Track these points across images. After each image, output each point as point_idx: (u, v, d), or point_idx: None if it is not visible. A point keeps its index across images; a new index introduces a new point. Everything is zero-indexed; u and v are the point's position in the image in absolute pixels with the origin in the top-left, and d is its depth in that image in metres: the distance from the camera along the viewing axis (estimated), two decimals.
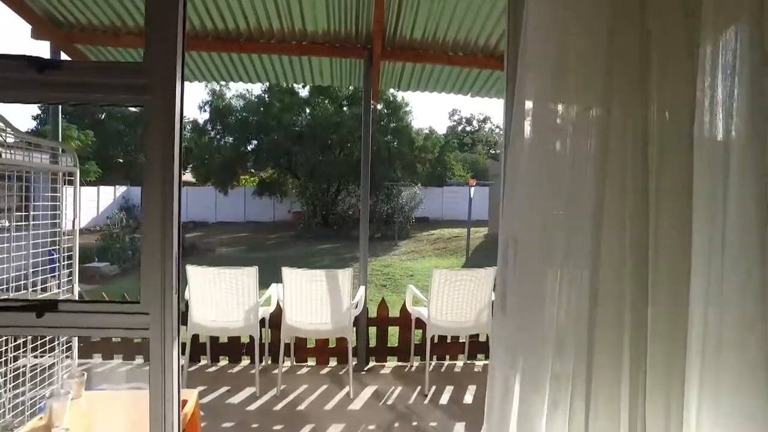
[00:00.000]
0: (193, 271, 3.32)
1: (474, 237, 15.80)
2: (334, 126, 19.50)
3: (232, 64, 4.18)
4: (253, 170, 24.80)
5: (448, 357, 4.26)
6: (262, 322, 3.77)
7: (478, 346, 4.21)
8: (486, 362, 4.25)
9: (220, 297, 3.36)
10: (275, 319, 3.71)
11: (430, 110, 66.43)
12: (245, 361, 4.14)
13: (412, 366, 4.17)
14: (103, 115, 29.71)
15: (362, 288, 3.93)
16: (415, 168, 22.34)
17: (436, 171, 29.41)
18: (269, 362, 4.08)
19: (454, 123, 49.39)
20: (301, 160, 19.03)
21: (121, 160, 29.04)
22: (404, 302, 4.11)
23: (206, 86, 21.00)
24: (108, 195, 24.16)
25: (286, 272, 3.41)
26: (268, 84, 21.13)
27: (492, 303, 4.01)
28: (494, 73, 4.13)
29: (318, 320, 3.47)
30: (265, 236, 20.10)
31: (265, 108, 20.79)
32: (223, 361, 4.14)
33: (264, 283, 3.90)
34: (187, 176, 33.38)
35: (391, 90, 3.79)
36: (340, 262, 12.99)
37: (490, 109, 75.66)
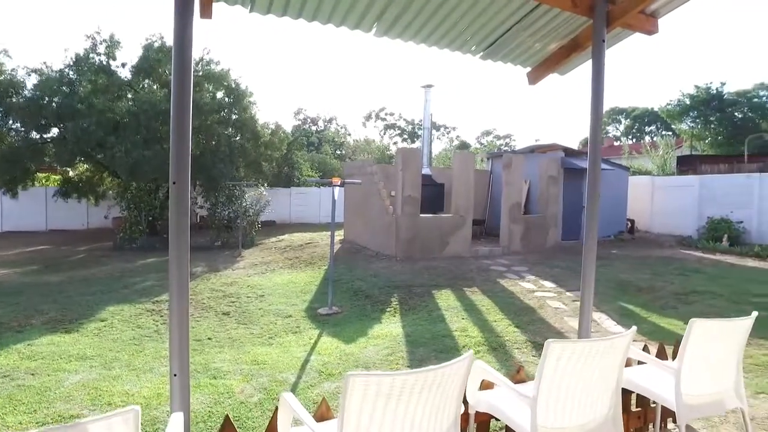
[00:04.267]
0: None
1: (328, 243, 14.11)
2: (164, 114, 16.19)
3: None
4: (56, 165, 19.96)
5: None
6: None
7: None
8: None
9: None
10: None
11: (273, 108, 63.17)
12: None
13: None
14: None
15: (177, 418, 1.84)
16: (260, 166, 20.01)
17: (283, 170, 27.36)
18: None
19: (300, 122, 47.83)
20: (119, 154, 15.37)
21: None
22: (272, 419, 2.12)
23: None
24: None
25: None
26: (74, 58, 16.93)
27: None
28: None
29: None
30: (72, 249, 16.07)
31: (70, 87, 16.50)
32: None
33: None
34: None
35: (239, 6, 2.07)
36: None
37: (336, 110, 75.30)
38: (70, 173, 20.86)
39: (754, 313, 2.88)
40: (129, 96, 17.72)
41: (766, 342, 5.72)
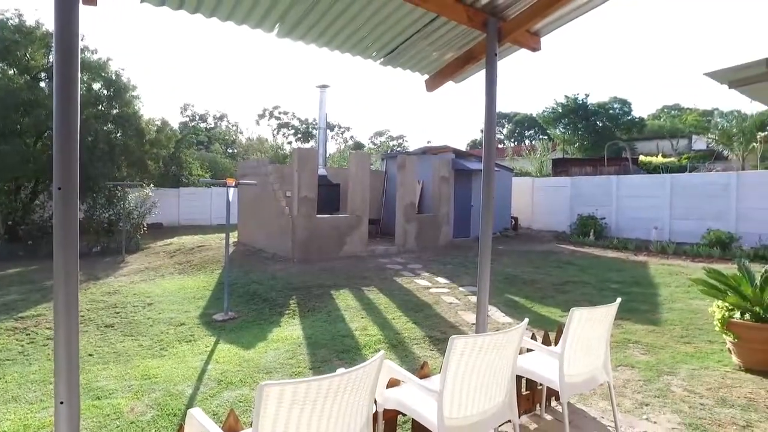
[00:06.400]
0: None
1: (221, 246, 13.55)
2: (26, 105, 14.43)
3: None
4: None
5: None
6: None
7: None
8: None
9: None
10: None
11: (158, 103, 58.94)
12: None
13: None
14: None
15: None
16: (145, 166, 18.63)
17: (171, 170, 25.78)
18: None
19: (187, 119, 45.21)
20: None
21: None
22: None
23: None
24: None
25: None
26: None
27: None
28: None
29: None
30: None
31: None
32: None
33: None
34: None
35: None
36: (37, 294, 9.17)
37: (227, 107, 72.21)
38: None
39: (618, 299, 3.29)
40: None
41: (622, 322, 6.60)
